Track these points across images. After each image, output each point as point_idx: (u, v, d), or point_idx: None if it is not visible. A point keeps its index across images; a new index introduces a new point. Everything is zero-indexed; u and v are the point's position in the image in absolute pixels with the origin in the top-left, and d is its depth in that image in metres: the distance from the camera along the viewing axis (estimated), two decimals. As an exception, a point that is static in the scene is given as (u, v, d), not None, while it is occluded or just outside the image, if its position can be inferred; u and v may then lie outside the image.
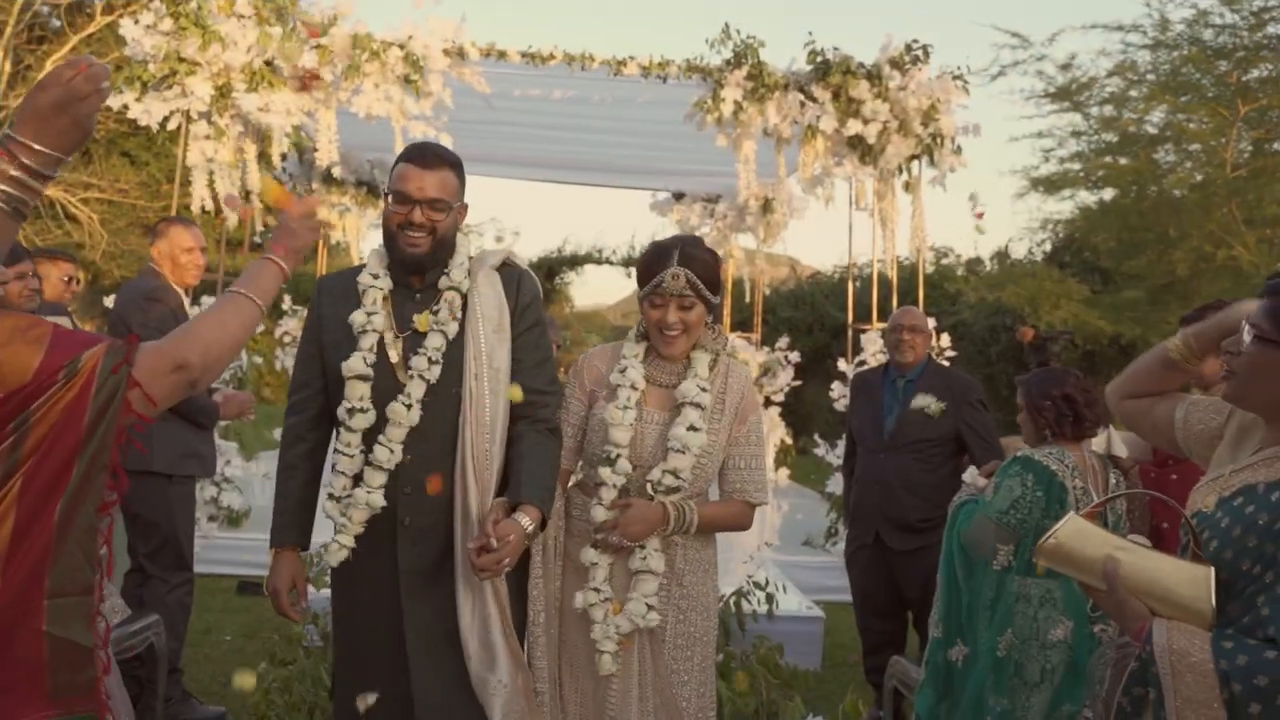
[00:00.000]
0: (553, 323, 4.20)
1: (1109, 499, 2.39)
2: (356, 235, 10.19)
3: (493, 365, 2.37)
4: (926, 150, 6.98)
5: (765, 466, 2.62)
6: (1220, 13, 9.82)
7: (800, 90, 6.83)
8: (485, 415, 2.34)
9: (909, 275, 9.45)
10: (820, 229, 33.97)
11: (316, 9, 6.43)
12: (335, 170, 8.93)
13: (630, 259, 17.71)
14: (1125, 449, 3.24)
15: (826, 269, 17.45)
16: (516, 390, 2.37)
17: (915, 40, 6.94)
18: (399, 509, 2.36)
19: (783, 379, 8.90)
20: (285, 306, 9.74)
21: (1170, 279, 10.01)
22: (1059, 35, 20.44)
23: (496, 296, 2.41)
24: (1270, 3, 9.55)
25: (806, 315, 15.30)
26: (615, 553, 2.42)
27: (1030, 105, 12.10)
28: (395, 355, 2.38)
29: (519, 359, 2.41)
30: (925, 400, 4.16)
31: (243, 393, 4.39)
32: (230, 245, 8.86)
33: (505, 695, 2.31)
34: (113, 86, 6.16)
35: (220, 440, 5.79)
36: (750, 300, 10.59)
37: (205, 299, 6.49)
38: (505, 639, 2.33)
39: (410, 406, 2.32)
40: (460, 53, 6.57)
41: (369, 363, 2.36)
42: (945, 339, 6.75)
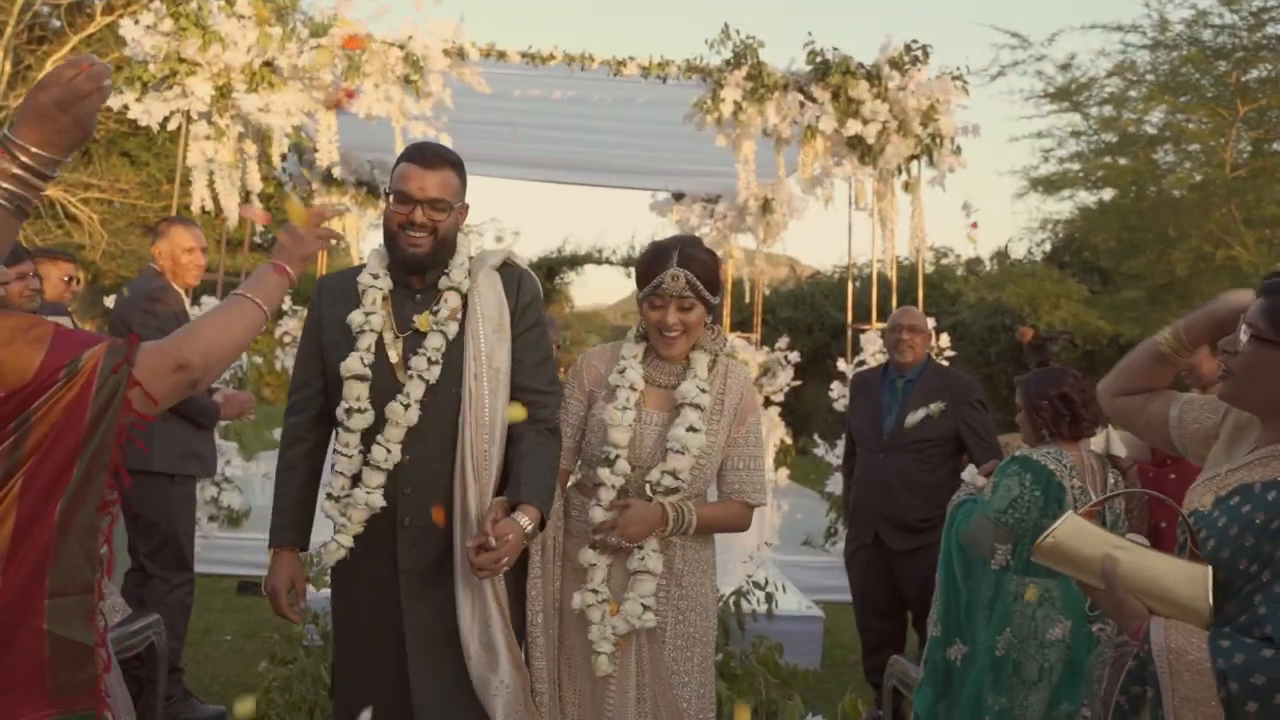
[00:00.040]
0: (553, 323, 4.20)
1: (1107, 498, 2.39)
2: (356, 235, 10.20)
3: (492, 365, 2.36)
4: (926, 150, 6.98)
5: (764, 467, 2.62)
6: (1219, 13, 9.81)
7: (800, 90, 6.84)
8: (485, 415, 2.34)
9: (908, 275, 9.45)
10: (820, 229, 34.09)
11: (317, 9, 6.44)
12: (335, 170, 8.93)
13: (630, 259, 17.70)
14: (1124, 448, 3.25)
15: (826, 269, 17.48)
16: (518, 410, 2.36)
17: (915, 40, 6.94)
18: (399, 509, 2.35)
19: (782, 379, 8.90)
20: (285, 306, 9.71)
21: (1170, 279, 10.00)
22: (1058, 35, 20.48)
23: (497, 296, 2.41)
24: (1269, 3, 9.55)
25: (806, 315, 15.31)
26: (614, 554, 2.42)
27: (1030, 105, 12.11)
28: (395, 355, 2.37)
29: (519, 359, 2.40)
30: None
31: (243, 393, 4.39)
32: (230, 245, 8.86)
33: (507, 696, 2.31)
34: (113, 87, 6.19)
35: (220, 440, 5.79)
36: (750, 300, 10.60)
37: (205, 299, 6.50)
38: (505, 640, 2.33)
39: (408, 406, 2.32)
40: (460, 53, 6.57)
41: (366, 363, 2.35)
42: (945, 339, 6.76)
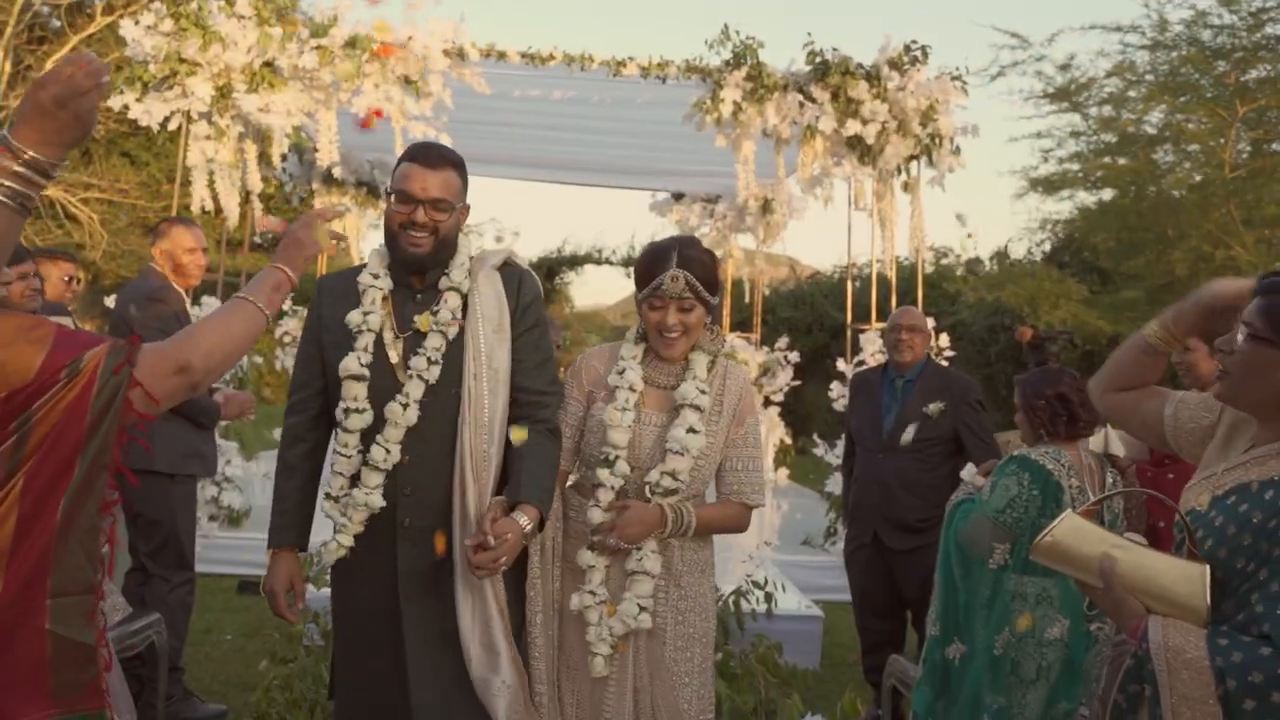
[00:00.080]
0: (553, 323, 4.20)
1: (1105, 497, 2.40)
2: (356, 235, 10.19)
3: (492, 366, 2.36)
4: (925, 150, 6.99)
5: (763, 468, 2.61)
6: (1219, 13, 9.80)
7: (799, 91, 6.84)
8: (484, 416, 2.33)
9: (908, 275, 9.44)
10: (819, 229, 34.04)
11: (317, 9, 6.45)
12: (335, 170, 8.94)
13: (630, 259, 17.69)
14: (1122, 448, 3.25)
15: (826, 269, 17.48)
16: (522, 432, 2.34)
17: (914, 41, 6.95)
18: (399, 510, 2.35)
19: (782, 379, 8.90)
20: (286, 307, 9.71)
21: (1169, 279, 10.00)
22: (1058, 36, 20.39)
23: (497, 297, 2.41)
24: (1269, 3, 9.54)
25: (806, 315, 15.31)
26: (612, 555, 2.42)
27: (1029, 105, 12.10)
28: (395, 355, 2.37)
29: (520, 359, 2.40)
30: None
31: (243, 393, 4.40)
32: (230, 245, 8.87)
33: (509, 696, 2.31)
34: (113, 87, 6.21)
35: (221, 440, 5.79)
36: (750, 300, 10.59)
37: (206, 299, 6.51)
38: (506, 640, 2.33)
39: (408, 407, 2.32)
40: (460, 53, 6.58)
41: (364, 363, 2.34)
42: (944, 339, 6.76)
